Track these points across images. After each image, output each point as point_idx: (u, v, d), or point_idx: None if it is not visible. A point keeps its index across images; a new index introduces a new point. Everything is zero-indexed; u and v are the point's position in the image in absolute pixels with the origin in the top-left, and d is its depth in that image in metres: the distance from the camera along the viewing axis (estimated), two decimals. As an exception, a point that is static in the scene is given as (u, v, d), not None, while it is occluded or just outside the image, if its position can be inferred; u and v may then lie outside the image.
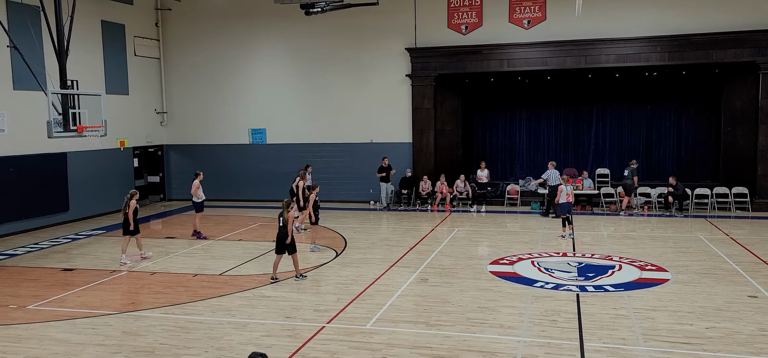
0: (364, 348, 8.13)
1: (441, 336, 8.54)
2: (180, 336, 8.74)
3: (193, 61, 22.92)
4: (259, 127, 22.79)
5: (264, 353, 4.52)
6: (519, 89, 21.62)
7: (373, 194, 21.15)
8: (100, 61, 20.11)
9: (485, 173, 20.50)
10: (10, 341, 8.74)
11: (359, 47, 21.42)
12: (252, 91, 22.65)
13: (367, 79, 21.49)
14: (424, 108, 21.05)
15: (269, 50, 22.43)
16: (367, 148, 21.47)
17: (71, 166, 18.81)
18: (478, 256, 13.50)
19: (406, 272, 12.07)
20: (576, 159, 21.82)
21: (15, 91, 16.81)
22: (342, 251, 14.16)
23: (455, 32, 20.62)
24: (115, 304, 10.37)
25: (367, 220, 18.79)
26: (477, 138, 23.02)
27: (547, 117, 22.37)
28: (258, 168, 22.43)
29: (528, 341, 8.39)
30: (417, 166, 21.22)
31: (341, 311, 9.74)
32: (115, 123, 17.63)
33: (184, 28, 22.88)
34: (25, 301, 10.63)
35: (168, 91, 23.33)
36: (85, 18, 17.78)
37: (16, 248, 15.14)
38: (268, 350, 7.70)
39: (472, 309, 9.73)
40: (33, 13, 15.65)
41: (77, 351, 8.28)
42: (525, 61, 20.09)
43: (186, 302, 10.36)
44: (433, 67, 20.77)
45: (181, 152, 23.50)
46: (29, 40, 15.37)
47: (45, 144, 16.55)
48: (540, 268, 12.26)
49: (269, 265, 12.88)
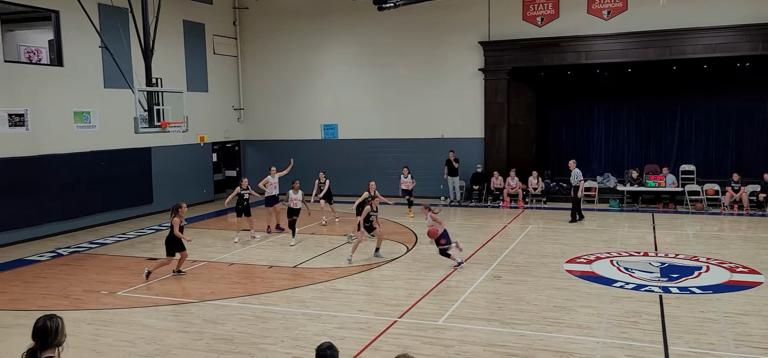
0: (436, 344, 8.08)
1: (515, 335, 8.36)
2: (257, 326, 8.97)
3: (269, 58, 23.49)
4: (331, 123, 23.11)
5: (331, 343, 4.50)
6: (597, 82, 20.89)
7: (443, 190, 21.03)
8: (181, 59, 20.95)
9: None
10: (102, 324, 9.24)
11: (431, 42, 21.30)
12: (324, 88, 22.98)
13: (439, 74, 21.35)
14: (497, 102, 20.69)
15: (341, 47, 22.68)
16: (438, 144, 21.34)
17: (155, 161, 19.70)
18: (553, 254, 13.13)
19: (478, 269, 11.91)
20: (658, 155, 20.88)
21: (105, 90, 17.76)
22: (413, 247, 14.14)
23: (531, 24, 20.15)
24: (195, 293, 10.78)
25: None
26: (552, 133, 22.43)
27: (627, 111, 21.50)
28: (329, 163, 22.68)
29: (607, 342, 8.09)
30: (489, 162, 20.92)
31: (413, 306, 9.72)
32: (195, 119, 18.34)
33: (260, 26, 23.50)
34: (114, 287, 11.22)
35: (245, 88, 24.03)
36: (168, 18, 18.53)
37: (105, 238, 16.01)
38: (341, 342, 7.77)
39: (548, 308, 9.47)
40: (122, 14, 16.47)
41: (162, 337, 8.65)
42: (604, 53, 19.37)
43: (262, 293, 10.63)
44: (507, 60, 20.37)
45: (257, 148, 24.17)
46: (118, 40, 16.19)
47: (132, 139, 17.42)
48: (619, 267, 11.80)
49: (341, 259, 13.06)
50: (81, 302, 10.45)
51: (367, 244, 14.52)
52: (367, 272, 11.89)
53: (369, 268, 12.24)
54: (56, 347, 4.25)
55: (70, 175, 16.73)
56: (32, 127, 15.89)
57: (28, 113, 15.79)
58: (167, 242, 11.85)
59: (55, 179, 16.36)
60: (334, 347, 4.47)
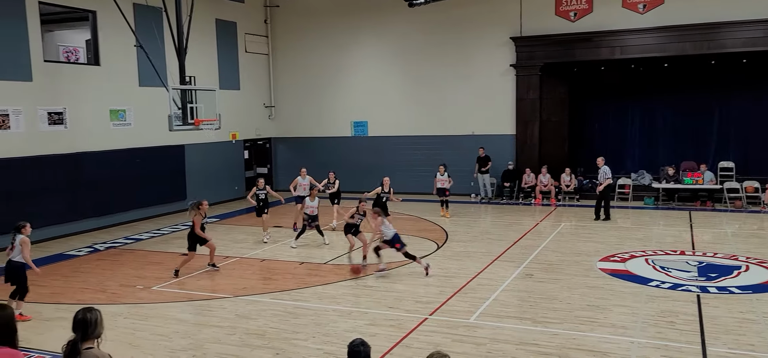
0: (467, 341, 8.03)
1: (548, 333, 8.26)
2: (289, 321, 9.04)
3: (299, 56, 23.63)
4: (360, 120, 23.15)
5: (363, 340, 4.51)
6: (632, 77, 20.48)
7: (473, 187, 20.90)
8: (214, 57, 21.22)
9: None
10: (138, 318, 9.43)
11: (461, 38, 21.16)
12: (354, 85, 23.03)
13: (469, 71, 21.20)
14: (529, 99, 20.46)
15: (372, 44, 22.69)
16: (468, 141, 21.20)
17: (188, 158, 20.00)
18: (586, 252, 12.93)
19: (509, 267, 11.80)
20: (695, 151, 20.34)
21: (140, 88, 18.09)
22: (443, 244, 14.08)
23: (563, 20, 19.86)
24: (228, 288, 10.91)
25: (468, 212, 18.57)
26: (585, 129, 22.07)
27: (663, 106, 21.02)
28: (359, 160, 22.76)
29: (642, 342, 7.93)
30: (520, 159, 20.70)
31: (444, 303, 9.67)
32: (227, 117, 18.55)
33: (290, 24, 23.65)
34: (150, 282, 11.43)
35: (275, 85, 24.23)
36: (201, 17, 18.77)
37: (140, 234, 16.32)
38: (372, 338, 7.77)
39: (581, 307, 9.33)
40: (156, 14, 16.76)
41: (196, 331, 8.78)
42: (640, 48, 18.98)
43: (293, 289, 10.71)
44: (539, 56, 20.12)
45: (287, 145, 24.35)
46: (153, 39, 16.47)
47: (166, 137, 17.72)
48: (655, 266, 11.56)
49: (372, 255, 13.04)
50: (117, 296, 10.67)
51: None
52: (398, 270, 11.87)
53: (399, 265, 12.21)
54: (95, 338, 4.35)
55: (106, 172, 17.09)
56: (70, 125, 16.28)
57: (66, 112, 16.18)
58: (189, 238, 11.98)
59: (91, 176, 16.73)
60: (366, 344, 4.48)
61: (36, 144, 15.40)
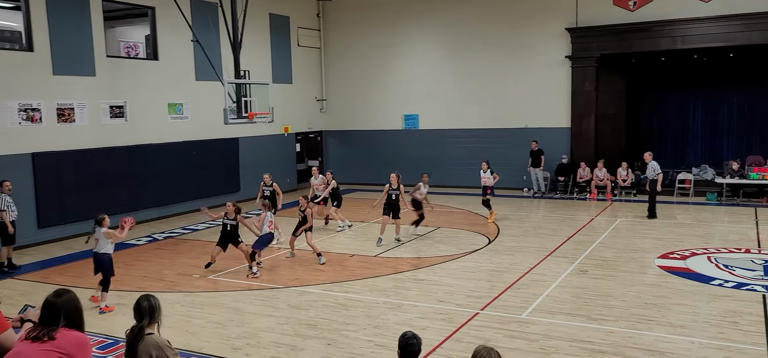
0: (520, 337, 7.91)
1: (603, 331, 8.05)
2: (340, 312, 9.11)
3: (351, 49, 23.74)
4: (411, 113, 23.09)
5: (414, 333, 4.50)
6: (694, 68, 19.69)
7: (526, 181, 20.57)
8: (267, 52, 21.54)
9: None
10: (194, 306, 9.69)
11: (515, 29, 20.80)
12: (406, 78, 22.97)
13: (522, 63, 20.82)
14: (585, 91, 19.96)
15: (423, 36, 22.56)
16: (521, 134, 20.85)
17: (242, 151, 20.40)
18: (643, 249, 12.54)
19: (563, 263, 11.56)
20: (761, 145, 19.43)
21: (197, 82, 18.54)
22: (495, 238, 13.91)
23: (622, 9, 19.24)
24: (281, 279, 11.08)
25: (520, 207, 18.30)
26: (643, 122, 21.40)
27: (728, 98, 20.17)
28: (410, 154, 22.71)
29: (703, 342, 7.64)
30: (575, 153, 20.23)
31: (495, 298, 9.56)
32: (280, 110, 18.83)
33: (343, 17, 23.78)
34: (206, 271, 11.71)
35: (327, 79, 24.42)
36: (255, 12, 19.08)
37: (196, 224, 16.76)
38: (422, 332, 7.74)
39: (638, 305, 9.06)
40: (212, 9, 17.13)
41: (250, 320, 8.96)
42: (703, 38, 18.20)
43: (344, 281, 10.79)
44: (596, 47, 19.59)
45: (338, 138, 24.53)
46: (209, 34, 16.85)
47: (220, 130, 18.13)
48: (718, 264, 11.11)
49: (423, 249, 13.05)
50: (175, 284, 10.99)
51: (447, 234, 14.52)
52: (448, 263, 11.81)
53: (450, 259, 12.15)
54: (155, 324, 4.49)
55: (163, 164, 17.61)
56: (130, 118, 16.84)
57: (126, 105, 16.74)
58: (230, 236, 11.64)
59: (150, 168, 17.27)
60: (417, 337, 4.47)
61: (98, 137, 16.00)
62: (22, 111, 14.35)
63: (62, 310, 3.83)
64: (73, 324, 3.85)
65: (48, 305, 3.86)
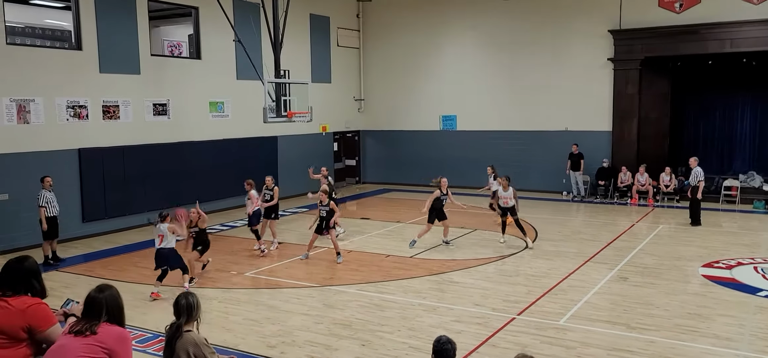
0: (557, 344, 7.78)
1: (644, 340, 7.85)
2: (375, 313, 9.12)
3: (390, 49, 23.75)
4: (449, 113, 22.97)
5: (449, 337, 4.45)
6: (743, 72, 19.04)
7: (565, 185, 20.24)
8: (307, 51, 21.72)
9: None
10: (231, 303, 9.83)
11: (556, 31, 20.49)
12: (444, 78, 22.86)
13: (563, 65, 20.49)
14: (628, 94, 19.52)
15: (462, 37, 22.42)
16: (561, 137, 20.52)
17: (281, 149, 20.62)
18: (687, 257, 12.20)
19: (602, 269, 11.33)
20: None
21: (237, 81, 18.82)
22: (533, 242, 13.72)
23: (667, 11, 18.75)
24: (316, 278, 11.16)
25: (559, 211, 18.01)
26: (687, 126, 20.81)
27: (778, 103, 19.45)
28: (447, 155, 22.58)
29: (750, 356, 7.39)
30: (616, 157, 19.81)
31: (532, 303, 9.43)
32: (318, 109, 18.95)
33: (381, 18, 23.81)
34: (243, 268, 11.89)
35: (365, 79, 24.49)
36: (296, 12, 19.21)
37: (235, 221, 17.00)
38: (457, 335, 7.71)
39: (681, 315, 8.81)
40: (253, 9, 17.35)
41: (285, 318, 9.04)
42: (753, 41, 17.60)
43: (379, 281, 10.79)
44: (639, 49, 19.14)
45: (376, 138, 24.57)
46: (250, 34, 17.07)
47: (260, 128, 18.34)
48: (765, 275, 10.72)
49: (460, 252, 12.96)
50: (213, 281, 11.17)
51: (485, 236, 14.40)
52: (485, 267, 11.71)
53: (486, 262, 12.04)
54: (193, 321, 4.57)
55: (204, 160, 17.92)
56: (173, 116, 17.19)
57: (169, 103, 17.10)
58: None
59: (191, 164, 17.59)
60: (452, 341, 4.43)
61: (142, 133, 16.39)
62: (70, 108, 14.80)
63: (104, 305, 3.92)
64: (114, 319, 3.94)
65: (90, 300, 3.95)
